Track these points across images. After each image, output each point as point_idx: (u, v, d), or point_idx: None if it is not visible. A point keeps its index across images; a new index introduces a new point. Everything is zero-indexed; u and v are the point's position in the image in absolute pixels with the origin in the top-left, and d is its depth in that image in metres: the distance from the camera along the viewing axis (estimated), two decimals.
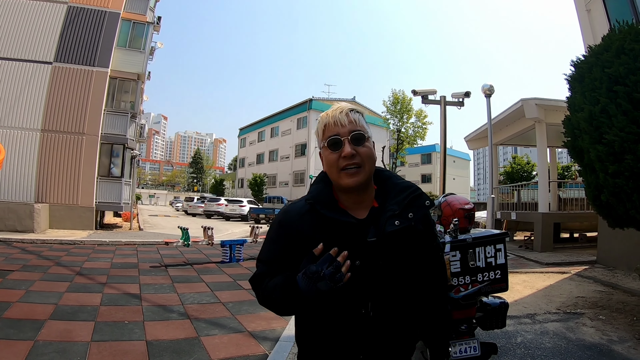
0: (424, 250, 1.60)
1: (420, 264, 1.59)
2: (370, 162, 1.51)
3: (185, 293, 7.26)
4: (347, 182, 1.48)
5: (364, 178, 1.49)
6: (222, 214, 35.09)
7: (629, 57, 5.52)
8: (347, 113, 1.52)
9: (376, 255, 1.48)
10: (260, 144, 58.16)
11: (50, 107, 17.66)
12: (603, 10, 10.64)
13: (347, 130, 1.49)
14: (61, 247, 12.39)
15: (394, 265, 1.50)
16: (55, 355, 4.17)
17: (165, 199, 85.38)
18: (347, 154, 1.47)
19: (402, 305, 1.55)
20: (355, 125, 1.51)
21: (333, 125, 1.51)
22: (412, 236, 1.53)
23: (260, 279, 1.62)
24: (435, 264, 1.71)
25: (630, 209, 5.48)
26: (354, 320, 1.50)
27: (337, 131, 1.50)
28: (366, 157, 1.49)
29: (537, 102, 13.57)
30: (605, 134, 5.57)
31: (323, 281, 1.36)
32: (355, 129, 1.50)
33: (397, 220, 1.49)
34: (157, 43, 24.37)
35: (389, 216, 1.50)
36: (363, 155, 1.49)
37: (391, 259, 1.50)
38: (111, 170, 19.11)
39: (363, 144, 1.50)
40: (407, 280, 1.54)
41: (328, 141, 1.51)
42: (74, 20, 18.41)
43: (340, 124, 1.50)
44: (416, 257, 1.56)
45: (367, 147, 1.51)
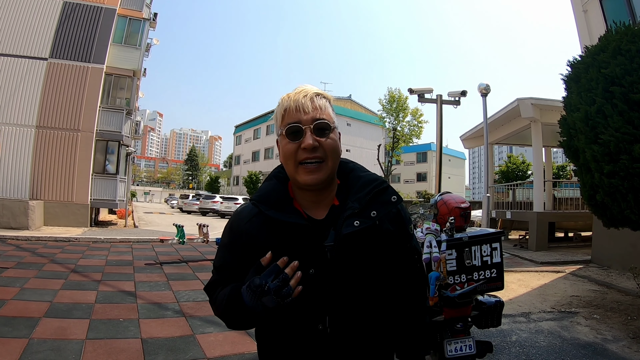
0: (393, 254, 1.38)
1: (389, 271, 1.38)
2: (334, 157, 1.31)
3: (180, 290, 7.25)
4: (305, 179, 1.29)
5: (325, 175, 1.30)
6: (217, 212, 35.05)
7: (625, 58, 5.54)
8: (312, 97, 1.31)
9: (333, 261, 1.28)
10: (256, 142, 58.16)
11: (46, 103, 17.56)
12: (600, 11, 10.67)
13: (309, 118, 1.27)
14: (56, 244, 12.36)
15: (355, 273, 1.29)
16: (50, 353, 4.15)
17: (160, 196, 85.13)
18: (307, 145, 1.26)
19: (365, 320, 1.32)
20: (320, 113, 1.29)
21: (294, 110, 1.29)
22: (376, 238, 1.32)
23: (212, 288, 1.45)
24: (409, 269, 1.48)
25: (625, 208, 5.50)
26: (310, 337, 1.29)
27: (299, 118, 1.28)
28: (330, 151, 1.29)
29: (533, 102, 13.61)
30: (601, 134, 5.59)
31: (268, 296, 1.16)
32: (320, 117, 1.28)
33: (357, 220, 1.28)
34: (153, 39, 24.35)
35: (347, 215, 1.30)
36: (326, 147, 1.28)
37: (351, 265, 1.28)
38: (106, 167, 19.03)
39: (328, 135, 1.29)
40: (371, 291, 1.32)
41: (287, 129, 1.30)
42: (70, 16, 18.31)
43: (302, 110, 1.28)
44: (383, 262, 1.35)
45: (332, 139, 1.31)
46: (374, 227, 1.31)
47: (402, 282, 1.46)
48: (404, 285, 1.47)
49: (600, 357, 4.70)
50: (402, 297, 1.48)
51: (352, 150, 50.34)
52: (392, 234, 1.37)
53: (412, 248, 1.48)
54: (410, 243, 1.47)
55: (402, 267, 1.45)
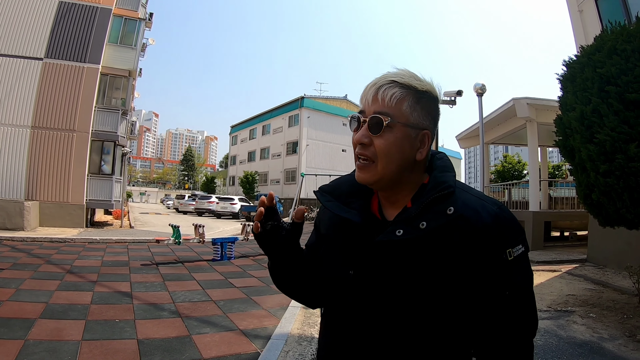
0: (455, 279, 1.06)
1: (444, 298, 1.06)
2: (386, 160, 1.09)
3: (176, 291, 7.23)
4: (357, 175, 1.16)
5: (373, 178, 1.12)
6: (213, 212, 35.09)
7: (620, 58, 5.55)
8: (380, 87, 1.10)
9: (372, 267, 1.12)
10: (252, 142, 58.16)
11: (41, 103, 17.51)
12: (595, 11, 10.70)
13: (370, 110, 1.10)
14: (51, 245, 12.32)
15: (390, 287, 1.09)
16: (45, 354, 4.14)
17: (156, 196, 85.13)
18: (354, 140, 1.14)
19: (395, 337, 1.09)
20: (380, 106, 1.09)
21: (363, 100, 1.14)
22: (424, 253, 1.07)
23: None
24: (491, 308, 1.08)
25: (621, 207, 5.52)
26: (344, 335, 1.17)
27: (364, 108, 1.13)
28: (381, 152, 1.09)
29: (528, 102, 13.63)
30: (597, 134, 5.60)
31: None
32: (378, 110, 1.09)
33: (401, 229, 1.07)
34: (149, 39, 24.25)
35: (396, 221, 1.12)
36: (377, 147, 1.09)
37: (387, 277, 1.10)
38: (102, 168, 18.98)
39: (381, 132, 1.08)
40: (406, 310, 1.08)
41: (351, 117, 1.17)
42: (65, 16, 18.26)
43: (366, 101, 1.13)
44: (430, 285, 1.06)
45: (386, 139, 1.09)
46: (423, 240, 1.07)
47: (480, 322, 1.10)
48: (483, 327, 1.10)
49: (596, 356, 4.71)
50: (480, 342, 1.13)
51: (348, 150, 50.24)
52: (458, 253, 1.06)
53: (502, 281, 1.08)
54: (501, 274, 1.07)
55: (480, 302, 1.09)
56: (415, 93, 1.11)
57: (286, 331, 5.24)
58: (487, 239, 1.05)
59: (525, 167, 28.92)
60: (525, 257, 1.11)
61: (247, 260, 11.28)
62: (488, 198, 1.13)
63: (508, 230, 1.08)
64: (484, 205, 1.09)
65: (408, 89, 1.10)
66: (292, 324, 5.50)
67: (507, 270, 1.07)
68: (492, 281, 1.06)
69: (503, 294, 1.07)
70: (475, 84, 12.58)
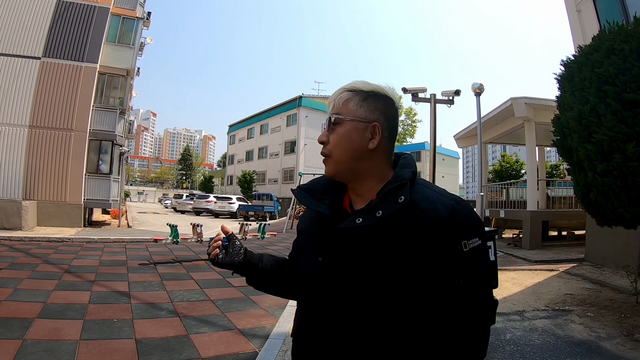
0: (409, 266, 1.15)
1: (398, 283, 1.16)
2: (337, 150, 1.28)
3: (174, 291, 7.23)
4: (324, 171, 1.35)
5: (331, 170, 1.30)
6: (211, 211, 35.10)
7: (618, 58, 5.57)
8: (338, 94, 1.32)
9: (336, 254, 1.25)
10: (250, 141, 58.13)
11: (39, 102, 17.46)
12: (593, 11, 10.72)
13: (331, 114, 1.31)
14: (49, 245, 12.30)
15: (350, 272, 1.22)
16: (44, 354, 4.13)
17: (154, 196, 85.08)
18: (318, 140, 1.35)
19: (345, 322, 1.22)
20: (334, 109, 1.31)
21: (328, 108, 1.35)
22: (379, 240, 1.18)
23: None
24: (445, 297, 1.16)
25: (619, 207, 5.53)
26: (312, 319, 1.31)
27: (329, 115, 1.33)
28: (333, 145, 1.29)
29: (526, 101, 13.65)
30: (595, 133, 5.61)
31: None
32: (332, 113, 1.30)
33: (361, 217, 1.20)
34: (147, 39, 24.24)
35: (358, 210, 1.26)
36: (330, 142, 1.29)
37: (347, 262, 1.22)
38: (99, 167, 18.95)
39: (334, 129, 1.29)
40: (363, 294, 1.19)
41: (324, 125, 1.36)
42: (63, 15, 18.22)
43: (330, 106, 1.34)
44: (386, 270, 1.16)
45: (336, 133, 1.28)
46: (379, 228, 1.18)
47: (434, 310, 1.17)
48: (437, 316, 1.17)
49: (594, 355, 4.72)
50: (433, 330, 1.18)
51: None
52: (411, 241, 1.16)
53: (456, 270, 1.16)
54: (455, 264, 1.16)
55: (435, 291, 1.17)
56: (361, 93, 1.30)
57: (284, 330, 5.24)
58: (441, 230, 1.15)
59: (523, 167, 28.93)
60: (481, 249, 1.19)
61: None
62: (448, 194, 1.25)
63: (463, 224, 1.18)
64: (441, 200, 1.21)
65: (354, 92, 1.30)
66: (290, 324, 5.49)
67: (462, 260, 1.16)
68: (447, 269, 1.16)
69: (457, 283, 1.15)
70: (474, 84, 12.55)
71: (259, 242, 14.88)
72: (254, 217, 32.18)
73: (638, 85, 5.21)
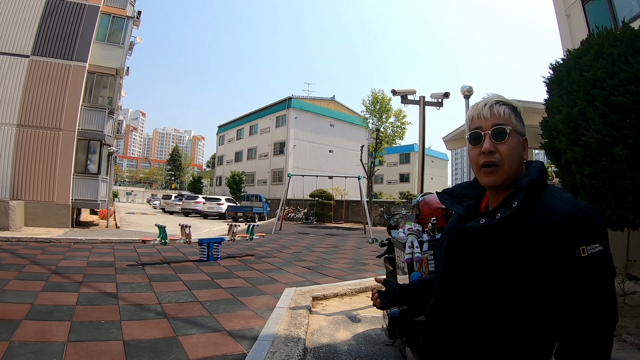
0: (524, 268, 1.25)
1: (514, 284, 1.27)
2: (510, 161, 1.39)
3: (162, 292, 7.20)
4: (484, 180, 1.45)
5: (501, 179, 1.40)
6: (200, 212, 35.02)
7: (607, 62, 5.63)
8: (492, 105, 1.44)
9: (463, 250, 1.45)
10: (239, 142, 58.12)
11: (27, 101, 17.34)
12: (582, 15, 10.82)
13: (489, 124, 1.42)
14: (37, 245, 12.19)
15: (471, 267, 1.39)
16: (31, 356, 4.10)
17: (142, 196, 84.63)
18: (484, 149, 1.40)
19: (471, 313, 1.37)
20: (498, 119, 1.42)
21: (476, 118, 1.46)
22: (498, 241, 1.34)
23: None
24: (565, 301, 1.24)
25: (606, 209, 5.58)
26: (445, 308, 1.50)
27: (479, 124, 1.44)
28: (506, 156, 1.39)
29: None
30: (582, 136, 5.66)
31: None
32: (498, 123, 1.41)
33: (484, 219, 1.38)
34: (137, 38, 24.16)
35: (483, 213, 1.45)
36: (502, 153, 1.39)
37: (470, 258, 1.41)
38: (88, 167, 18.83)
39: (505, 140, 1.39)
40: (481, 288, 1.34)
41: (470, 135, 1.47)
42: (53, 13, 18.11)
43: (482, 117, 1.44)
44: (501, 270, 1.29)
45: (509, 145, 1.39)
46: (497, 229, 1.35)
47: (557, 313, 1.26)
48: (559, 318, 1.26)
49: None
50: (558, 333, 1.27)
51: (335, 151, 50.49)
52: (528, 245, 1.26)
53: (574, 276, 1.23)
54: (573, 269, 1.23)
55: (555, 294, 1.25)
56: (513, 108, 1.46)
57: (273, 332, 5.23)
58: (555, 234, 1.24)
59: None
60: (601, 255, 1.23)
61: (234, 260, 11.25)
62: (572, 201, 1.32)
63: (580, 229, 1.24)
64: (561, 205, 1.29)
65: (509, 106, 1.45)
66: (278, 325, 5.49)
67: (579, 265, 1.23)
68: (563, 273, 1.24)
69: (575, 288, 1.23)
70: (463, 86, 12.58)
71: (248, 243, 14.84)
72: (243, 218, 32.13)
73: (626, 89, 5.26)
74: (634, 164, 5.17)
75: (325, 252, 14.06)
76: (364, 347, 5.10)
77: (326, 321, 6.16)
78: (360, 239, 19.99)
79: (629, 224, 5.66)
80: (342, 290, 7.74)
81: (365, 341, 5.32)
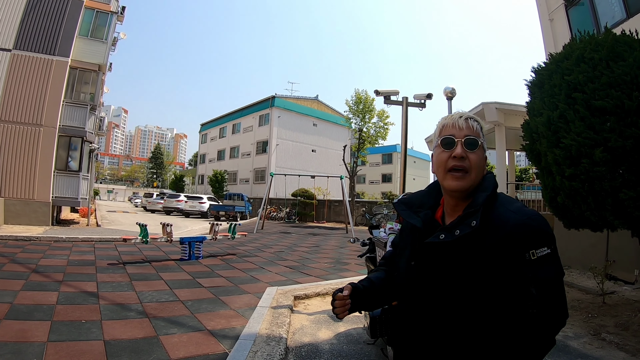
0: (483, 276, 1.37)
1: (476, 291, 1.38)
2: (477, 171, 1.50)
3: (143, 291, 7.15)
4: (450, 184, 1.50)
5: (467, 184, 1.49)
6: (181, 211, 34.80)
7: (588, 66, 5.71)
8: (467, 119, 1.54)
9: (426, 261, 1.53)
10: (222, 140, 57.82)
11: (8, 96, 17.08)
12: (565, 20, 10.97)
13: (462, 134, 1.51)
14: (16, 244, 12.03)
15: (435, 278, 1.49)
16: (11, 356, 4.05)
17: (124, 194, 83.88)
18: (457, 154, 1.48)
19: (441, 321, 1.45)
20: (472, 131, 1.52)
21: (451, 127, 1.54)
22: (457, 255, 1.43)
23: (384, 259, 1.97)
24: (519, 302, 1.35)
25: (586, 210, 5.66)
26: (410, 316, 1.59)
27: (453, 132, 1.52)
28: (474, 165, 1.49)
29: (497, 106, 13.89)
30: (563, 139, 5.73)
31: None
32: (471, 134, 1.51)
33: (443, 234, 1.46)
34: (120, 34, 23.89)
35: (442, 227, 1.53)
36: (472, 161, 1.49)
37: (433, 270, 1.50)
38: (69, 164, 18.59)
39: (475, 150, 1.50)
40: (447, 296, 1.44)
41: (442, 140, 1.54)
42: (36, 7, 17.84)
43: (457, 127, 1.52)
44: (462, 281, 1.40)
45: (478, 155, 1.51)
46: (457, 244, 1.43)
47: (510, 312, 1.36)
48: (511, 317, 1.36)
49: (561, 354, 4.83)
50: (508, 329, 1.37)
51: (318, 151, 50.42)
52: (486, 255, 1.38)
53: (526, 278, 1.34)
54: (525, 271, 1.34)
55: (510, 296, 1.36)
56: (480, 125, 1.57)
57: (254, 331, 5.23)
58: (510, 243, 1.36)
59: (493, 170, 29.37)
60: (549, 257, 1.37)
61: (215, 260, 11.22)
62: (524, 210, 1.43)
63: (530, 236, 1.37)
64: (513, 217, 1.40)
65: (479, 124, 1.57)
66: (260, 324, 5.49)
67: (530, 267, 1.34)
68: (517, 276, 1.35)
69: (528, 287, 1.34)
70: (445, 88, 12.66)
71: (230, 242, 14.79)
72: (225, 217, 32.10)
73: (606, 93, 5.34)
74: (613, 166, 5.26)
75: (307, 252, 14.10)
76: (345, 346, 5.12)
77: (308, 320, 6.17)
78: (342, 238, 20.06)
79: (608, 225, 5.75)
80: (323, 290, 7.76)
81: (347, 340, 5.35)
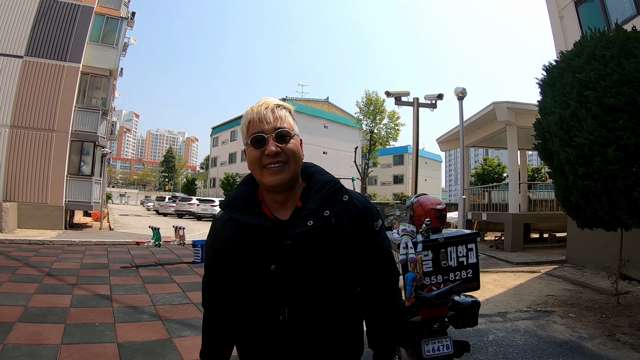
0: (353, 250, 1.48)
1: (350, 266, 1.48)
2: (295, 159, 1.43)
3: (156, 294, 7.17)
4: (269, 180, 1.40)
5: (288, 176, 1.42)
6: (193, 214, 34.82)
7: (599, 64, 5.65)
8: (273, 109, 1.45)
9: (291, 258, 1.40)
10: (233, 143, 57.91)
11: (20, 102, 17.22)
12: (575, 17, 10.87)
13: (271, 128, 1.41)
14: (30, 247, 12.13)
15: (312, 268, 1.41)
16: (24, 358, 4.07)
17: (136, 198, 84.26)
18: (270, 152, 1.39)
19: (324, 311, 1.43)
20: (280, 122, 1.43)
21: (257, 122, 1.42)
22: (332, 235, 1.43)
23: (204, 296, 1.68)
24: (373, 265, 1.58)
25: (599, 210, 5.61)
26: (271, 327, 1.42)
27: (262, 128, 1.41)
28: (291, 154, 1.42)
29: (508, 106, 13.79)
30: (575, 137, 5.68)
31: None
32: (281, 127, 1.42)
33: (311, 220, 1.39)
34: (130, 39, 24.11)
35: (303, 215, 1.41)
36: (288, 151, 1.41)
37: (308, 261, 1.41)
38: (81, 169, 18.74)
39: (288, 141, 1.42)
40: (329, 284, 1.43)
41: (251, 139, 1.43)
42: (47, 14, 18.00)
43: (265, 121, 1.41)
44: (341, 258, 1.45)
45: (293, 144, 1.44)
46: (328, 226, 1.43)
47: (367, 277, 1.59)
48: (369, 279, 1.60)
49: (576, 355, 4.77)
50: (368, 291, 1.61)
51: (329, 153, 50.38)
52: (350, 231, 1.48)
53: (376, 245, 1.58)
54: (375, 240, 1.57)
55: (365, 263, 1.56)
56: (288, 110, 1.51)
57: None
58: (366, 217, 1.54)
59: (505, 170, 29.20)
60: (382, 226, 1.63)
61: None
62: (362, 195, 1.64)
63: (373, 211, 1.59)
64: (361, 198, 1.58)
65: (286, 109, 1.50)
66: None
67: (377, 236, 1.58)
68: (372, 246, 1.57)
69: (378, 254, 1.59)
70: (456, 88, 12.62)
71: None
72: None
73: (618, 91, 5.29)
74: (626, 164, 5.20)
75: None
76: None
77: None
78: None
79: (622, 225, 5.69)
80: None
81: None
